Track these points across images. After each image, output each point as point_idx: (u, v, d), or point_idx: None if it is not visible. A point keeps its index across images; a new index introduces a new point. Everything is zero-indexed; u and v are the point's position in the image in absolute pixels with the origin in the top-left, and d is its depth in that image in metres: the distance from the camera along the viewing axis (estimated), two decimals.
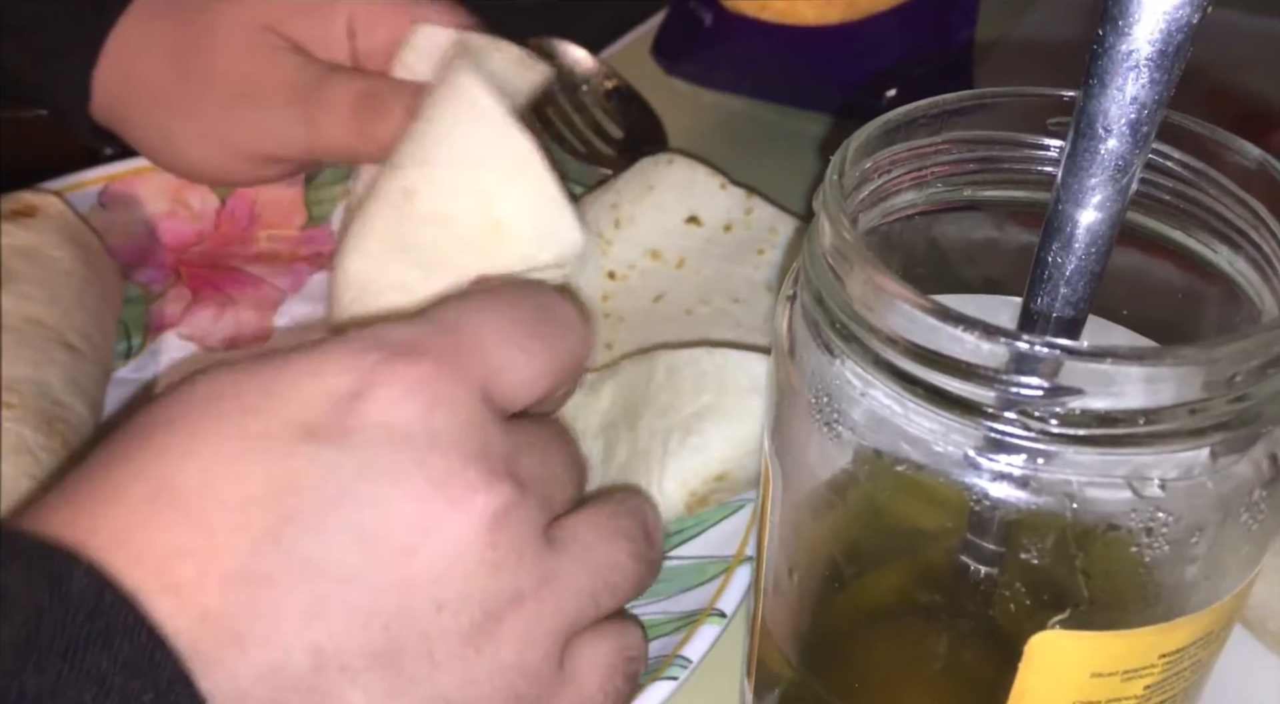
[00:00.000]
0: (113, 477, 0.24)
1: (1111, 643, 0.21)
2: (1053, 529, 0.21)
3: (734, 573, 0.34)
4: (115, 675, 0.21)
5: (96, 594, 0.22)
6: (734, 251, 0.44)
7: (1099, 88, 0.21)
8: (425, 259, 0.37)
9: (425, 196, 0.37)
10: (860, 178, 0.24)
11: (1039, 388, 0.19)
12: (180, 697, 0.22)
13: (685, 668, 0.32)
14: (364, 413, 0.24)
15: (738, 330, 0.42)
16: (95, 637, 0.21)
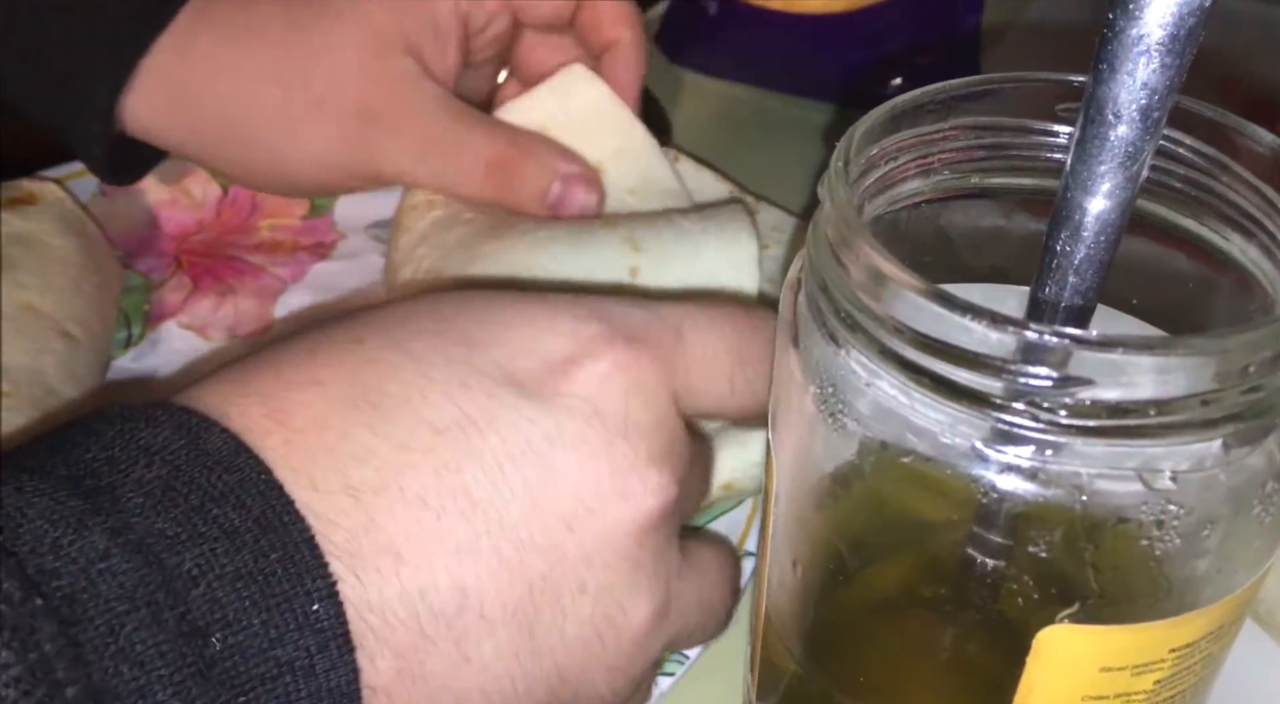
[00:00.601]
0: (306, 370, 0.24)
1: (1121, 637, 0.21)
2: (1062, 522, 0.21)
3: None
4: (246, 531, 0.22)
5: (232, 453, 0.22)
6: None
7: (1109, 73, 0.21)
8: None
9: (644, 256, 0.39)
10: (866, 165, 0.23)
11: (1048, 378, 0.19)
12: (306, 558, 0.22)
13: (683, 664, 0.31)
14: (572, 379, 0.25)
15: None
16: (229, 492, 0.22)
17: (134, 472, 0.22)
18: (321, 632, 0.22)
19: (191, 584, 0.21)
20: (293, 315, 0.46)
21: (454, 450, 0.24)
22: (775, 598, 0.26)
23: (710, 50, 0.62)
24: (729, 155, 0.55)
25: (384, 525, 0.23)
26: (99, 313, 0.41)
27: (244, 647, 0.21)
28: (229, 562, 0.21)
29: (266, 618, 0.21)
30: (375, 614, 0.23)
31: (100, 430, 0.23)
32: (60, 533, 0.21)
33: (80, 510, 0.21)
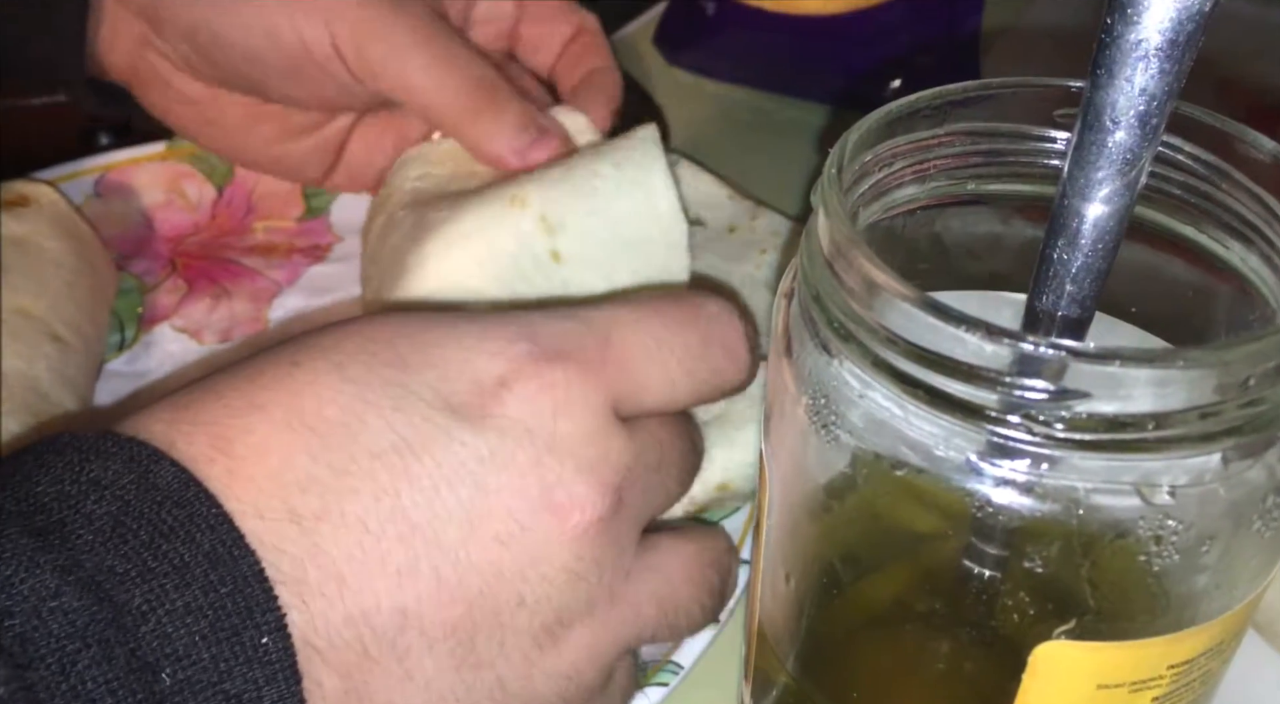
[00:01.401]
0: (246, 395, 0.25)
1: (1119, 654, 0.21)
2: (1058, 537, 0.20)
3: None
4: (196, 566, 0.22)
5: (182, 487, 0.23)
6: (736, 251, 0.44)
7: (1107, 78, 0.20)
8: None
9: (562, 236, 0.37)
10: (860, 171, 0.23)
11: (1044, 391, 0.18)
12: (256, 592, 0.22)
13: (677, 674, 0.31)
14: (503, 401, 0.25)
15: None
16: (178, 527, 0.22)
17: (84, 506, 0.22)
18: (270, 664, 0.22)
19: (141, 620, 0.22)
20: (288, 318, 0.45)
21: (392, 475, 0.24)
22: (768, 609, 0.26)
23: (708, 51, 0.61)
24: (727, 157, 0.54)
25: (328, 550, 0.23)
26: (92, 316, 0.41)
27: (193, 681, 0.22)
28: (179, 597, 0.22)
29: (216, 652, 0.22)
30: (321, 638, 0.23)
31: (50, 462, 0.23)
32: (11, 571, 0.21)
33: (30, 548, 0.21)
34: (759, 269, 0.43)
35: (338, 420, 0.24)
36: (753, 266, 0.43)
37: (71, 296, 0.40)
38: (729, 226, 0.45)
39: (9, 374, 0.36)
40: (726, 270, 0.43)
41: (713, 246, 0.44)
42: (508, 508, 0.25)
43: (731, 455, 0.34)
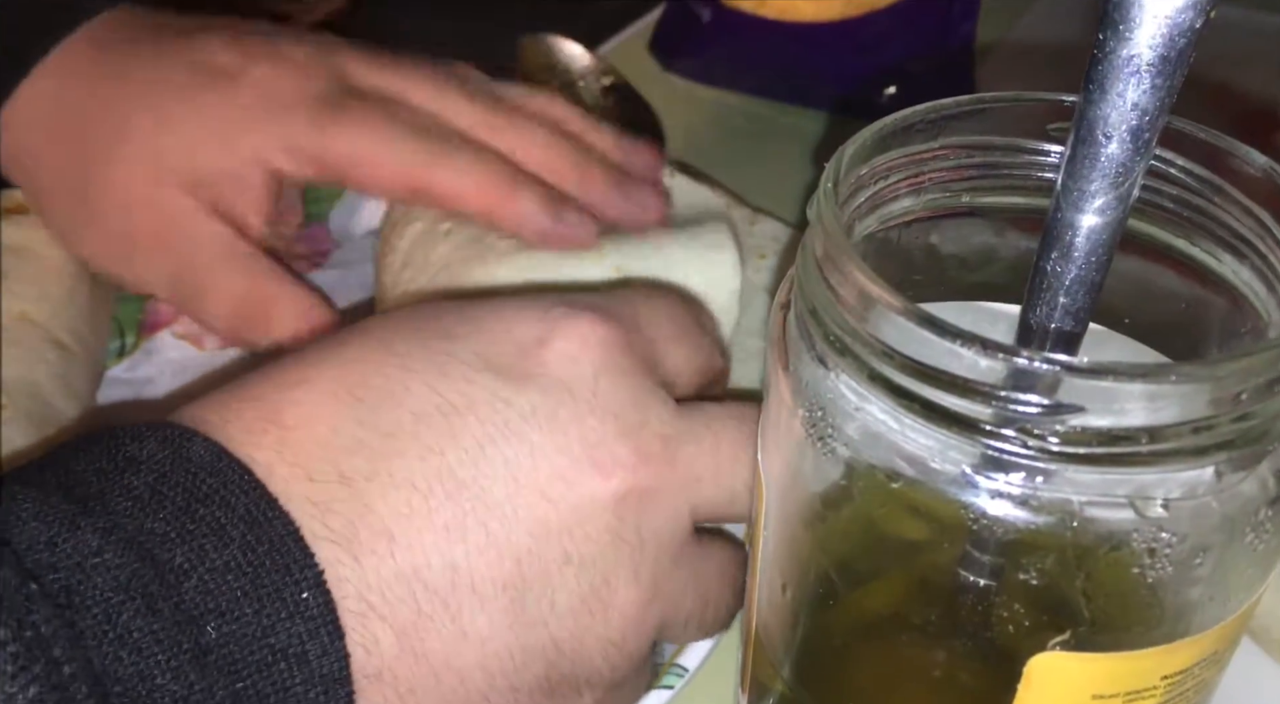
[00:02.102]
0: (294, 371, 0.26)
1: (1113, 665, 0.21)
2: (1053, 549, 0.20)
3: None
4: (233, 527, 0.23)
5: (215, 458, 0.24)
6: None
7: (1099, 93, 0.21)
8: None
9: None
10: (856, 184, 0.23)
11: (1038, 404, 0.19)
12: (293, 550, 0.23)
13: (681, 677, 0.31)
14: (544, 360, 0.26)
15: (737, 333, 0.42)
16: (213, 493, 0.23)
17: (122, 479, 0.23)
18: (312, 619, 0.23)
19: (184, 577, 0.22)
20: None
21: (437, 435, 0.25)
22: (764, 619, 0.26)
23: (703, 58, 0.62)
24: (723, 164, 0.54)
25: (377, 509, 0.24)
26: (93, 323, 0.41)
27: (238, 635, 0.22)
28: (218, 556, 0.22)
29: (258, 607, 0.22)
30: (375, 594, 0.24)
31: (87, 448, 0.24)
32: (55, 532, 0.22)
33: (72, 513, 0.22)
34: (758, 274, 0.44)
35: (383, 388, 0.25)
36: (752, 271, 0.44)
37: (72, 303, 0.40)
38: None
39: (13, 381, 0.36)
40: None
41: None
42: (552, 465, 0.25)
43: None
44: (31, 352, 0.37)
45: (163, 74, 0.40)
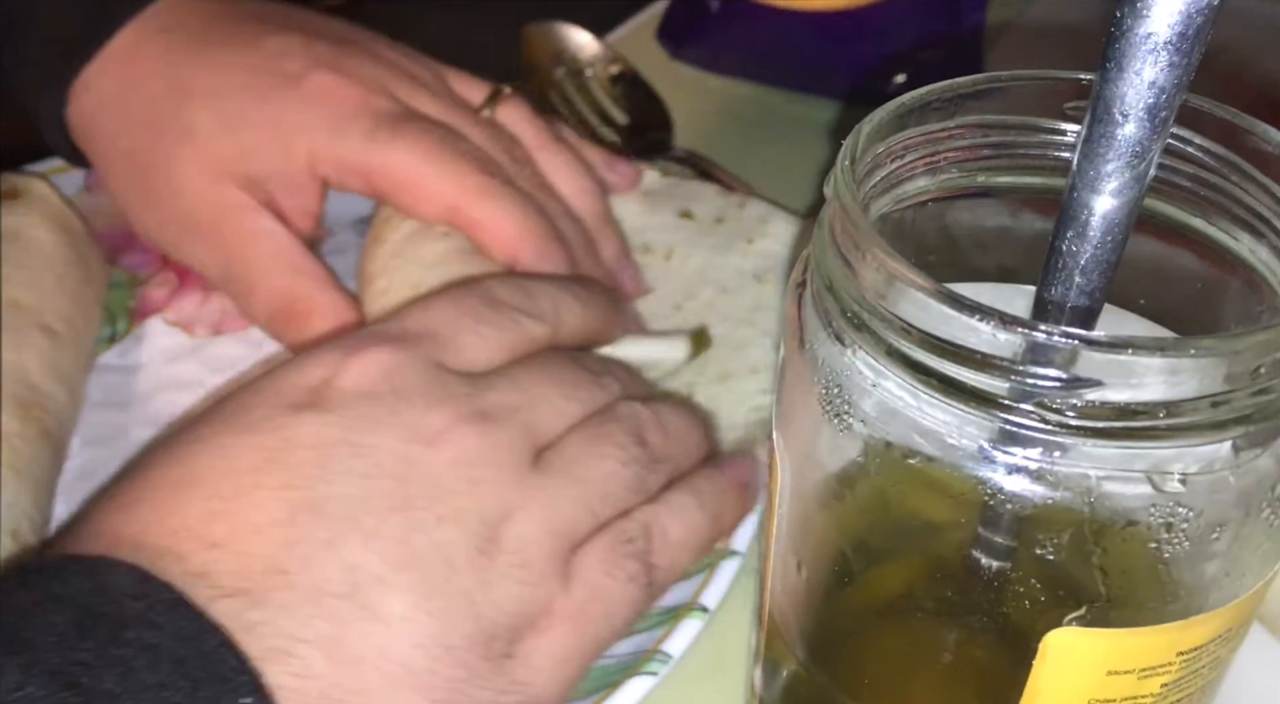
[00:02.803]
0: (146, 478, 0.29)
1: (1128, 641, 0.21)
2: (1069, 524, 0.20)
3: (717, 568, 0.34)
4: (163, 645, 0.24)
5: (139, 581, 0.25)
6: (724, 242, 0.45)
7: (1116, 71, 0.20)
8: None
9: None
10: (872, 163, 0.23)
11: (1056, 379, 0.19)
12: (229, 660, 0.24)
13: (665, 663, 0.31)
14: (338, 387, 0.29)
15: (725, 323, 0.42)
16: (140, 615, 0.24)
17: (44, 616, 0.24)
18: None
19: (115, 700, 0.23)
20: None
21: (277, 477, 0.27)
22: (778, 598, 0.26)
23: (712, 46, 0.61)
24: (731, 152, 0.54)
25: (256, 554, 0.26)
26: (83, 308, 0.41)
27: None
28: (150, 675, 0.23)
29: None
30: (291, 623, 0.25)
31: (8, 588, 0.25)
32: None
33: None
34: (746, 260, 0.44)
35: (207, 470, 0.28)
36: (740, 257, 0.44)
37: (63, 289, 0.40)
38: (717, 218, 0.46)
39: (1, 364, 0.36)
40: (716, 264, 0.44)
41: (702, 240, 0.46)
42: (390, 454, 0.28)
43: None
44: (20, 336, 0.37)
45: (229, 72, 0.41)
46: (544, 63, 0.58)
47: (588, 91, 0.58)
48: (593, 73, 0.59)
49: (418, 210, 0.40)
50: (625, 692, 0.30)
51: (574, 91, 0.58)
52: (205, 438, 0.29)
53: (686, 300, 0.44)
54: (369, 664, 0.26)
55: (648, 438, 0.32)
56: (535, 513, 0.29)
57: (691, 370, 0.41)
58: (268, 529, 0.26)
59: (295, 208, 0.42)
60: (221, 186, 0.41)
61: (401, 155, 0.39)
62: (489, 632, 0.27)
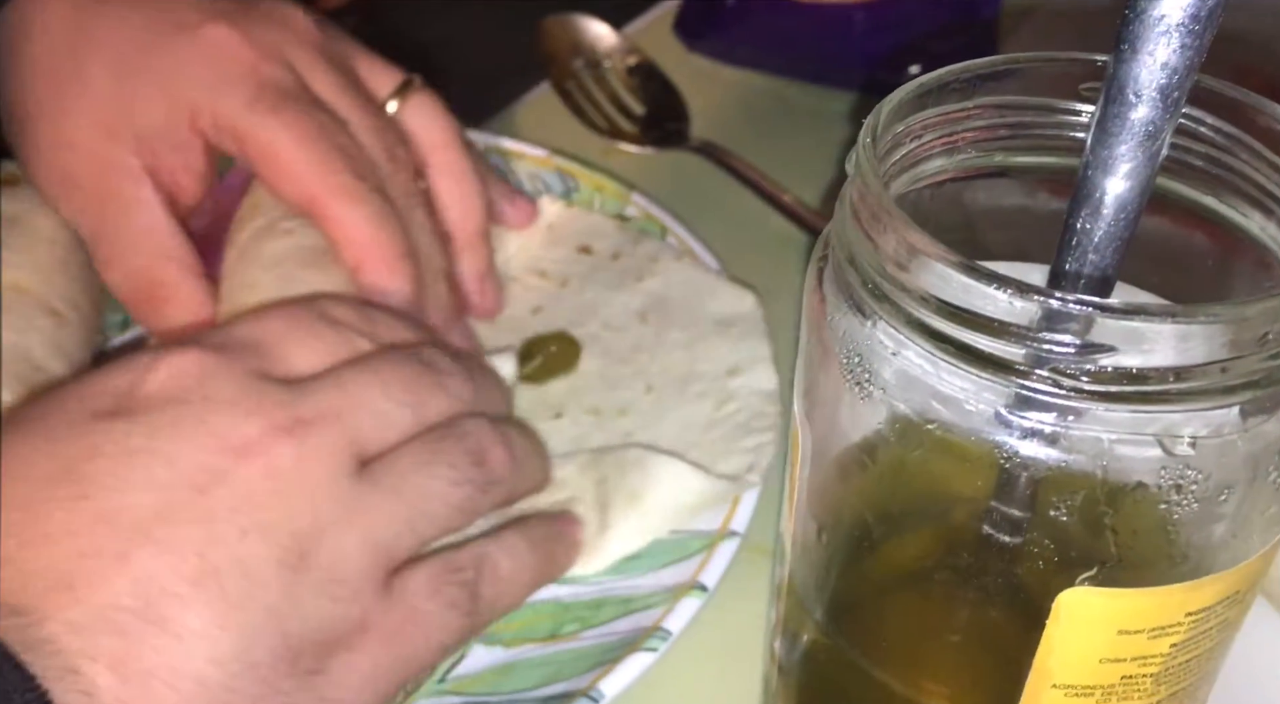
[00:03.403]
0: None
1: (1139, 600, 0.21)
2: (1082, 487, 0.21)
3: (716, 548, 0.35)
4: None
5: None
6: (615, 278, 0.46)
7: (1130, 53, 0.21)
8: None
9: None
10: (892, 142, 0.24)
11: (1071, 345, 0.19)
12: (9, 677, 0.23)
13: (665, 640, 0.32)
14: (145, 392, 0.28)
15: (604, 358, 0.43)
16: None
17: None
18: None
19: None
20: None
21: (72, 486, 0.26)
22: (799, 565, 0.27)
23: (728, 38, 0.62)
24: (746, 143, 0.55)
25: (44, 570, 0.25)
26: (87, 291, 0.41)
27: None
28: None
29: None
30: (77, 641, 0.24)
31: None
32: None
33: None
34: (633, 297, 0.45)
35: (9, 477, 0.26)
36: (628, 295, 0.45)
37: (65, 272, 0.40)
38: (614, 254, 0.47)
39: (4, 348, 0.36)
40: (606, 299, 0.46)
41: (597, 276, 0.47)
42: (192, 463, 0.27)
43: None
44: (24, 319, 0.38)
45: (128, 23, 0.40)
46: (562, 54, 0.59)
47: (605, 82, 0.59)
48: (610, 64, 0.60)
49: (278, 190, 0.39)
50: (625, 667, 0.31)
51: (591, 82, 0.59)
52: (6, 449, 0.27)
53: (572, 327, 0.45)
54: (160, 680, 0.25)
55: (487, 459, 0.31)
56: (352, 528, 0.28)
57: (563, 395, 0.42)
58: (60, 540, 0.26)
59: (181, 165, 0.40)
60: (110, 145, 0.39)
61: (275, 132, 0.38)
62: (296, 648, 0.27)
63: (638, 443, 0.39)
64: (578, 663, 0.32)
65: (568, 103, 0.58)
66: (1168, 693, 0.23)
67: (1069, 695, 0.23)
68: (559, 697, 0.31)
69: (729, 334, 0.43)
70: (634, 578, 0.35)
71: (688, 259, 0.46)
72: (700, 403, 0.41)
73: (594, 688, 0.31)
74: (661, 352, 0.43)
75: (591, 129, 0.57)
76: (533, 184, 0.51)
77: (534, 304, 0.46)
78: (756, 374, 0.41)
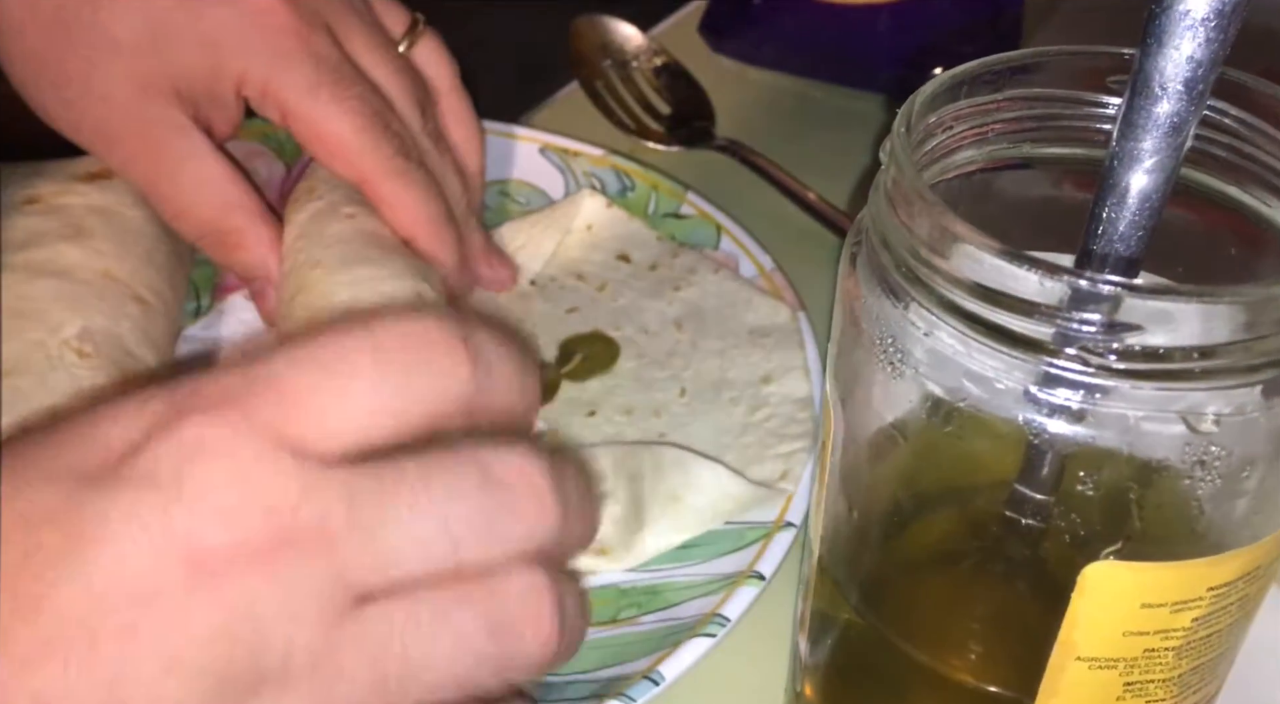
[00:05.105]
0: None
1: (1162, 574, 0.22)
2: (1108, 463, 0.22)
3: (773, 538, 0.36)
4: None
5: None
6: (653, 287, 0.47)
7: (1156, 47, 0.22)
8: None
9: None
10: (924, 133, 0.25)
11: (1099, 324, 0.20)
12: None
13: (724, 626, 0.33)
14: (134, 462, 0.22)
15: (639, 361, 0.44)
16: None
17: None
18: None
19: None
20: None
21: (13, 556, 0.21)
22: (831, 545, 0.27)
23: (753, 39, 0.63)
24: (771, 143, 0.56)
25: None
26: (171, 282, 0.42)
27: None
28: None
29: None
30: None
31: None
32: None
33: None
34: (670, 305, 0.46)
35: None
36: (665, 303, 0.46)
37: (151, 262, 0.42)
38: (651, 264, 0.48)
39: (98, 332, 0.38)
40: (643, 306, 0.47)
41: (634, 283, 0.48)
42: (140, 566, 0.21)
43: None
44: (115, 306, 0.39)
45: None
46: (592, 54, 0.60)
47: (633, 82, 0.60)
48: (638, 64, 0.60)
49: (331, 167, 0.42)
50: (685, 650, 0.32)
51: (619, 82, 0.60)
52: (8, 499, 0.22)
53: (608, 331, 0.46)
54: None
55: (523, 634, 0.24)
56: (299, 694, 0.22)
57: (598, 394, 0.43)
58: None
59: (219, 118, 0.42)
60: (150, 100, 0.40)
61: (337, 123, 0.41)
62: None
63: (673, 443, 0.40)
64: (636, 646, 0.33)
65: (596, 102, 0.59)
66: (1189, 666, 0.24)
67: (1092, 668, 0.23)
68: (618, 679, 0.32)
69: (763, 344, 0.44)
70: (691, 566, 0.36)
71: (725, 272, 0.47)
72: (733, 409, 0.41)
73: (654, 670, 0.32)
74: (696, 358, 0.44)
75: (619, 128, 0.58)
76: (587, 181, 0.52)
77: (571, 304, 0.47)
78: (790, 382, 0.42)
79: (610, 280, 0.48)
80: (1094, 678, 0.23)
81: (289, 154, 0.50)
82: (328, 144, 0.41)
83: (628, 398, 0.43)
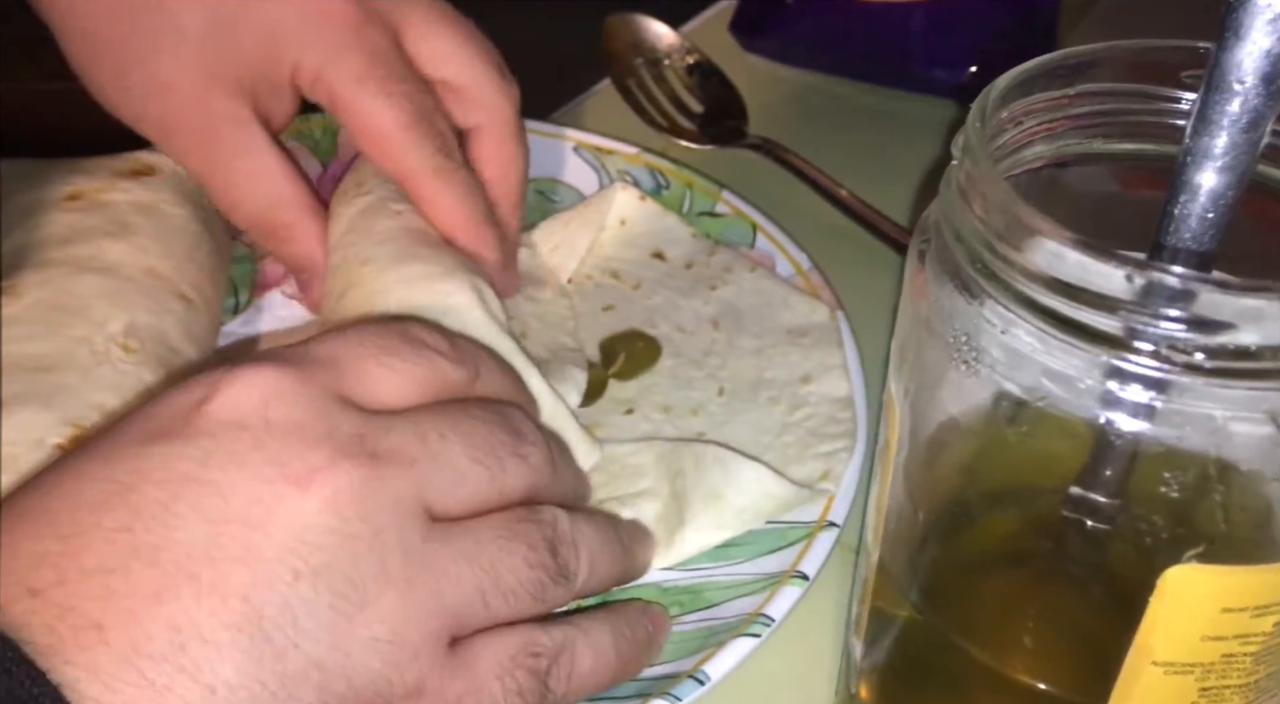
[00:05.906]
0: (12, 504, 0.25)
1: (1244, 578, 0.22)
2: (1191, 464, 0.21)
3: (816, 538, 0.35)
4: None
5: None
6: (688, 286, 0.47)
7: (1234, 40, 0.22)
8: None
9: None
10: (996, 128, 0.24)
11: (1186, 322, 0.20)
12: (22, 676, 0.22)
13: (768, 626, 0.33)
14: (206, 413, 0.26)
15: (676, 359, 0.44)
16: None
17: None
18: None
19: None
20: None
21: (119, 514, 0.24)
22: (891, 545, 0.27)
23: (783, 38, 0.63)
24: (803, 143, 0.56)
25: (75, 606, 0.23)
26: (212, 279, 0.42)
27: None
28: None
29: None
30: (101, 687, 0.23)
31: None
32: None
33: None
34: (706, 304, 0.46)
35: (57, 501, 0.25)
36: (701, 302, 0.46)
37: (194, 259, 0.42)
38: (687, 263, 0.48)
39: (143, 328, 0.38)
40: (678, 304, 0.46)
41: (670, 282, 0.47)
42: (246, 495, 0.25)
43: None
44: (159, 302, 0.39)
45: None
46: (624, 52, 0.60)
47: (665, 80, 0.60)
48: (670, 62, 0.60)
49: (373, 160, 0.42)
50: (730, 650, 0.32)
51: (651, 80, 0.59)
52: (67, 464, 0.26)
53: (645, 327, 0.45)
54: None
55: (560, 551, 0.29)
56: (420, 586, 0.26)
57: (635, 391, 0.43)
58: (95, 576, 0.23)
59: (277, 109, 0.43)
60: (215, 92, 0.41)
61: (383, 115, 0.41)
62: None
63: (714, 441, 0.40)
64: (679, 646, 0.33)
65: (628, 100, 0.58)
66: (1265, 672, 0.23)
67: (1169, 673, 0.23)
68: (662, 678, 0.32)
69: (801, 343, 0.43)
70: (732, 565, 0.36)
71: (761, 270, 0.47)
72: (772, 408, 0.41)
73: (699, 670, 0.31)
74: (733, 357, 0.43)
75: (651, 126, 0.57)
76: (621, 180, 0.51)
77: (606, 302, 0.47)
78: (829, 381, 0.42)
79: (645, 279, 0.47)
80: (1169, 683, 0.23)
81: (324, 152, 0.50)
82: (371, 136, 0.41)
83: (665, 396, 0.42)
